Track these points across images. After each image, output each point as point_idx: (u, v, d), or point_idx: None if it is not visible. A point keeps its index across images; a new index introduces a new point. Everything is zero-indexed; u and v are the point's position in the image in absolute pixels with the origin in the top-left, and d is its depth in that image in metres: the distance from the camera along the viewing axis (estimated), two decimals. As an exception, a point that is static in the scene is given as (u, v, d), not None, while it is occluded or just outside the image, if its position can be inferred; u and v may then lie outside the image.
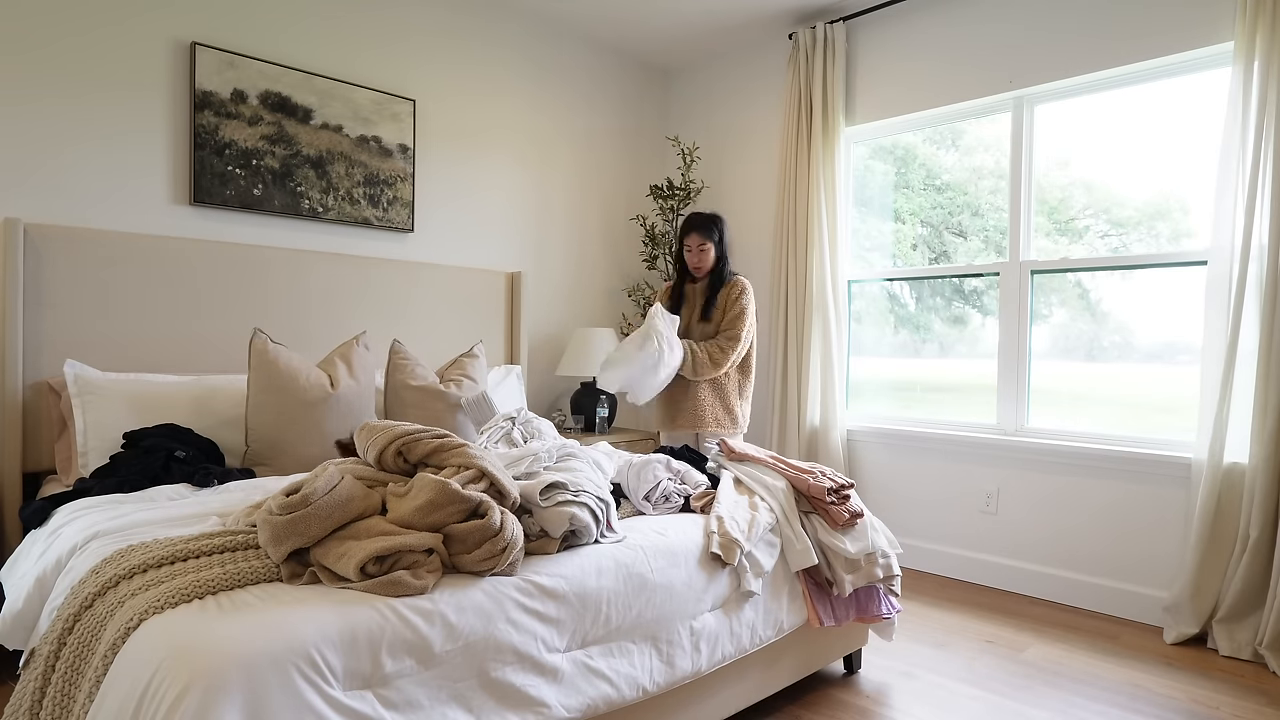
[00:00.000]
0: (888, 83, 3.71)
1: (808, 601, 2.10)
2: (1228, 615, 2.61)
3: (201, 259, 2.84)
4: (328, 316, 3.17)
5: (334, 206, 3.26)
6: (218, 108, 2.92)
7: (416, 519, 1.49)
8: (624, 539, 1.81)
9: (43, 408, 2.52)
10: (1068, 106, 3.25)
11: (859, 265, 3.94)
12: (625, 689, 1.64)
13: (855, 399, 3.95)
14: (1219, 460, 2.66)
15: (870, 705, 2.21)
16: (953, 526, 3.49)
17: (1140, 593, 2.94)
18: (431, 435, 1.69)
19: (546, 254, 4.15)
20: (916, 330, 3.76)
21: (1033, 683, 2.37)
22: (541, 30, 4.07)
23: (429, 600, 1.40)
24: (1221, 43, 2.78)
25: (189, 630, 1.20)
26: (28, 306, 2.49)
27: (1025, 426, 3.33)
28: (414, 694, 1.33)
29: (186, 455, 2.28)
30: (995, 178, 3.47)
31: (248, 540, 1.53)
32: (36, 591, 1.71)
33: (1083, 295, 3.24)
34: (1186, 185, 2.97)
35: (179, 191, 2.89)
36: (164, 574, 1.38)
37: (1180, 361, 2.98)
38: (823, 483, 2.19)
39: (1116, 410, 3.12)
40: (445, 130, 3.68)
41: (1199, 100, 2.93)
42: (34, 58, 2.57)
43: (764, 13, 3.87)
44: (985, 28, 3.39)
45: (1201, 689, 2.35)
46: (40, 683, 1.33)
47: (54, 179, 2.62)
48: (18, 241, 2.42)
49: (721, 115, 4.46)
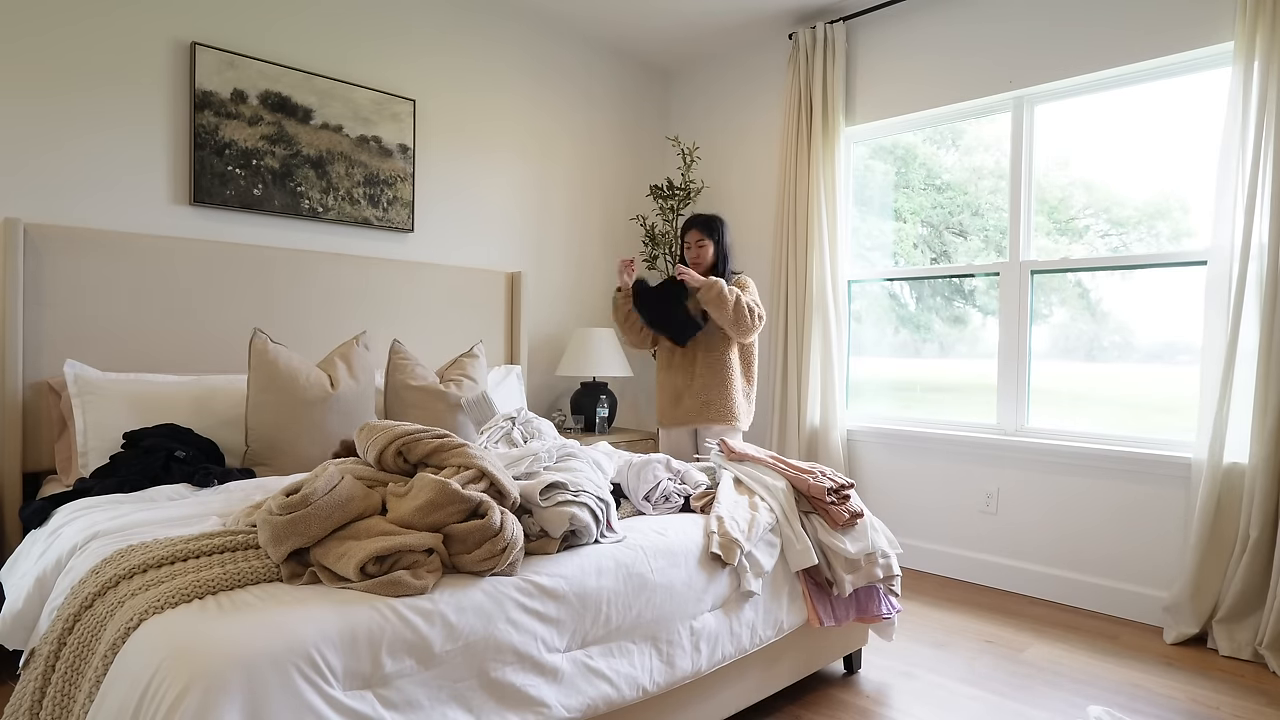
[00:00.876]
0: (888, 83, 3.71)
1: (808, 601, 2.10)
2: (1228, 615, 2.61)
3: (201, 259, 2.84)
4: (328, 316, 3.17)
5: (334, 206, 3.26)
6: (218, 108, 2.92)
7: (416, 519, 1.49)
8: (624, 539, 1.81)
9: (43, 408, 2.52)
10: (1068, 106, 3.25)
11: (859, 265, 3.94)
12: (625, 689, 1.64)
13: (855, 399, 3.95)
14: (1219, 460, 2.66)
15: (870, 705, 2.21)
16: (953, 527, 3.49)
17: (1140, 593, 2.94)
18: (431, 435, 1.69)
19: (546, 254, 4.15)
20: (917, 330, 3.76)
21: (1033, 683, 2.37)
22: (541, 30, 4.07)
23: (429, 600, 1.40)
24: (1222, 42, 2.78)
25: (189, 630, 1.20)
26: (28, 306, 2.49)
27: (1025, 426, 3.33)
28: (414, 694, 1.33)
29: (186, 455, 2.28)
30: (995, 177, 3.47)
31: (248, 540, 1.53)
32: (36, 591, 1.71)
33: (1083, 295, 3.24)
34: (1187, 185, 2.97)
35: (179, 191, 2.89)
36: (164, 574, 1.38)
37: (1180, 361, 2.98)
38: (823, 482, 2.19)
39: (1116, 410, 3.12)
40: (445, 130, 3.68)
41: (1199, 100, 2.93)
42: (34, 58, 2.57)
43: (764, 13, 3.87)
44: (985, 28, 3.39)
45: (1201, 689, 2.35)
46: (40, 683, 1.33)
47: (54, 179, 2.62)
48: (18, 241, 2.42)
49: (721, 115, 4.46)
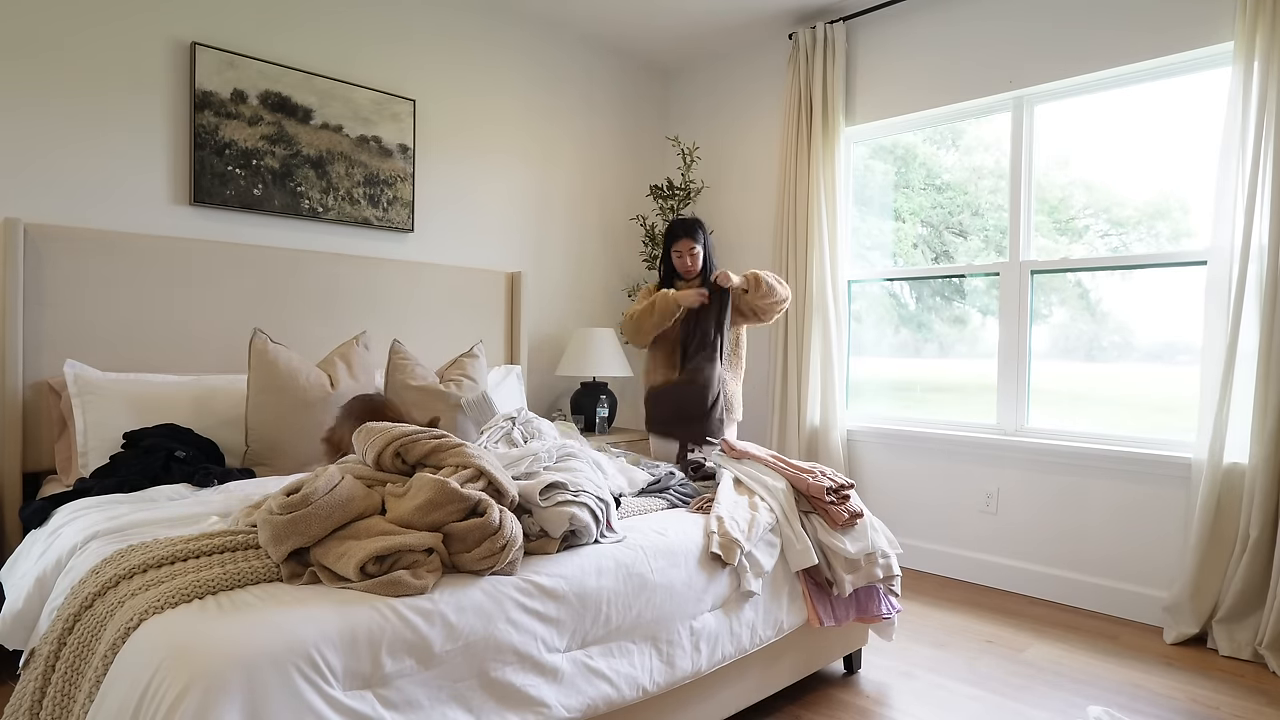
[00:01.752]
0: (888, 83, 3.71)
1: (808, 601, 2.10)
2: (1228, 615, 2.61)
3: (201, 259, 2.84)
4: (328, 317, 3.17)
5: (334, 206, 3.26)
6: (218, 108, 2.92)
7: (416, 518, 1.49)
8: (624, 539, 1.81)
9: (43, 408, 2.52)
10: (1067, 106, 3.25)
11: (859, 265, 3.94)
12: (625, 689, 1.64)
13: (855, 399, 3.94)
14: (1219, 460, 2.66)
15: (870, 705, 2.21)
16: (953, 527, 3.49)
17: (1140, 593, 2.94)
18: (429, 435, 1.69)
19: (546, 254, 4.15)
20: (917, 330, 3.76)
21: (1033, 683, 2.37)
22: (541, 30, 4.07)
23: (429, 600, 1.40)
24: (1221, 42, 2.78)
25: (189, 630, 1.20)
26: (28, 306, 2.49)
27: (1025, 426, 3.33)
28: (414, 694, 1.33)
29: (187, 455, 2.28)
30: (995, 177, 3.47)
31: (248, 540, 1.53)
32: (36, 591, 1.71)
33: (1083, 295, 3.24)
34: (1186, 185, 2.97)
35: (179, 191, 2.89)
36: (164, 574, 1.38)
37: (1180, 361, 2.98)
38: (822, 482, 2.19)
39: (1116, 410, 3.12)
40: (445, 130, 3.68)
41: (1199, 100, 2.93)
42: (34, 59, 2.57)
43: (764, 13, 3.87)
44: (985, 27, 3.39)
45: (1201, 689, 2.35)
46: (40, 683, 1.33)
47: (54, 179, 2.62)
48: (18, 241, 2.42)
49: (721, 115, 4.46)
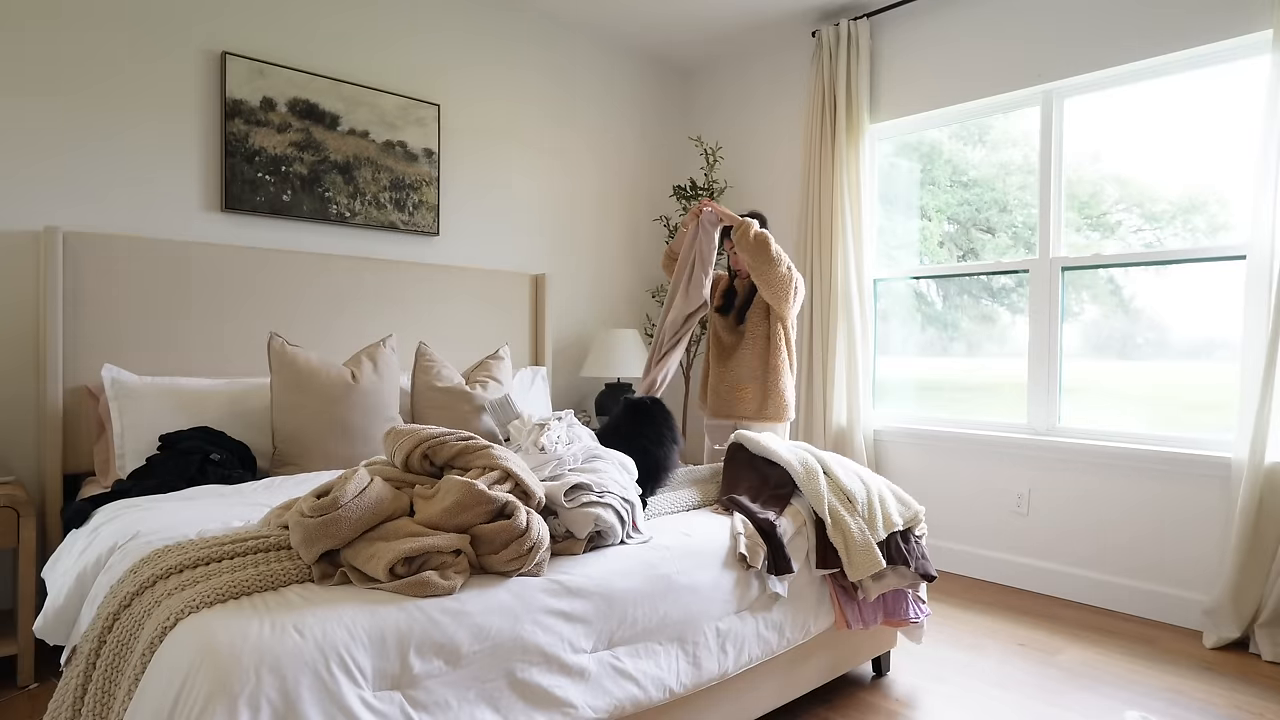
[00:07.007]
0: (913, 79, 3.67)
1: (835, 604, 2.08)
2: (1270, 619, 2.54)
3: (233, 264, 2.90)
4: (355, 320, 3.22)
5: (361, 211, 3.30)
6: (248, 116, 2.98)
7: (444, 520, 1.50)
8: (650, 540, 1.81)
9: (82, 411, 2.58)
10: (1098, 99, 3.19)
11: (885, 263, 3.90)
12: (652, 690, 1.64)
13: (882, 398, 3.90)
14: (1260, 460, 2.59)
15: (900, 709, 2.18)
16: (983, 528, 3.44)
17: (1178, 595, 2.87)
18: (456, 438, 1.70)
19: (570, 256, 4.17)
20: (944, 329, 3.71)
21: (1067, 687, 2.32)
22: (563, 33, 4.09)
23: (456, 601, 1.41)
24: (1258, 31, 2.71)
25: (223, 630, 1.22)
26: (67, 312, 2.55)
27: (1057, 426, 3.27)
28: (442, 694, 1.34)
29: (221, 458, 2.32)
30: (1024, 173, 3.42)
31: (280, 541, 1.55)
32: (77, 588, 1.76)
33: (1115, 291, 3.18)
34: (1223, 177, 2.90)
35: (211, 198, 2.94)
36: (199, 574, 1.41)
37: (1218, 358, 2.90)
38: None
39: (1152, 408, 3.05)
40: (469, 134, 3.71)
41: (1235, 90, 2.86)
42: (72, 72, 2.64)
43: (787, 10, 3.85)
44: (1012, 20, 3.33)
45: (1243, 694, 2.29)
46: (82, 680, 1.36)
47: (91, 188, 2.69)
48: (57, 249, 2.48)
49: (744, 114, 4.44)
